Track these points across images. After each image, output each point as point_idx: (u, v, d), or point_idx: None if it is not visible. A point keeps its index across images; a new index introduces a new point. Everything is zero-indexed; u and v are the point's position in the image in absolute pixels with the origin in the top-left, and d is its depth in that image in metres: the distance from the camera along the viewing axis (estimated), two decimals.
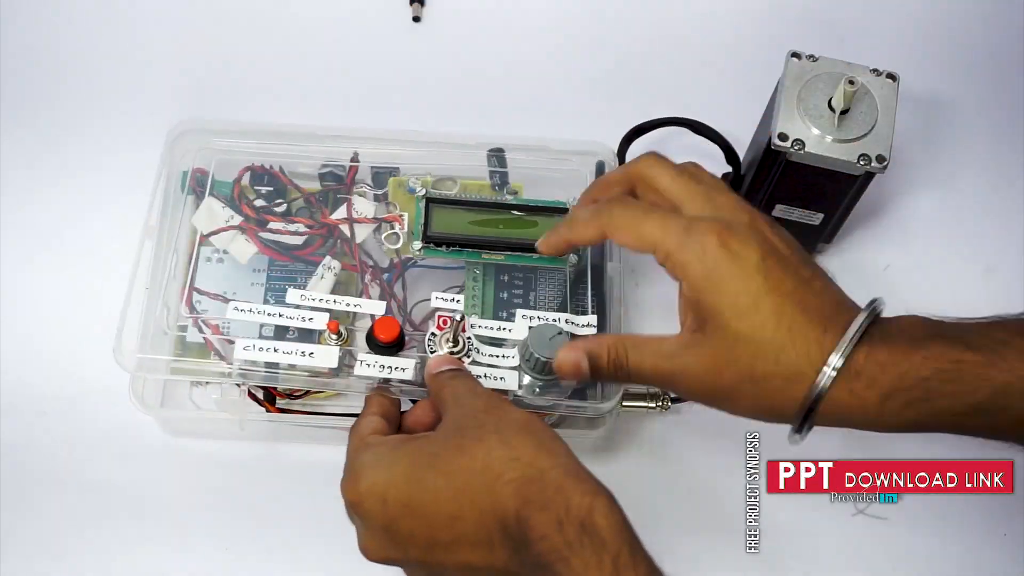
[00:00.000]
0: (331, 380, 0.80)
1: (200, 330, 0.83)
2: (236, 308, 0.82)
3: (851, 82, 0.83)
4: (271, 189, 0.89)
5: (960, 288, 0.97)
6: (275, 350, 0.79)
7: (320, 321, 0.81)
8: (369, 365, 0.79)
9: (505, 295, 0.87)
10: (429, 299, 0.86)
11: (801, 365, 0.66)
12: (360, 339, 0.81)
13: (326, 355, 0.79)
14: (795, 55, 0.87)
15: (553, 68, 1.07)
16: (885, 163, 0.83)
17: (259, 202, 0.88)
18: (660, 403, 0.86)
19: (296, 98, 1.04)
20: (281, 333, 0.83)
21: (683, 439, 0.91)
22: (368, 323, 0.82)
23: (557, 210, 0.87)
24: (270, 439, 0.88)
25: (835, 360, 0.65)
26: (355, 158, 0.90)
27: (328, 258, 0.86)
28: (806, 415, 0.66)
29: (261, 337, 0.82)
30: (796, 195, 0.90)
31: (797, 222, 0.92)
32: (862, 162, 0.83)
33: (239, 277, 0.86)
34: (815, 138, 0.84)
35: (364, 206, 0.88)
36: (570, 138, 0.93)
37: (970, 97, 1.06)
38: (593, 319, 0.84)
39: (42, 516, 0.86)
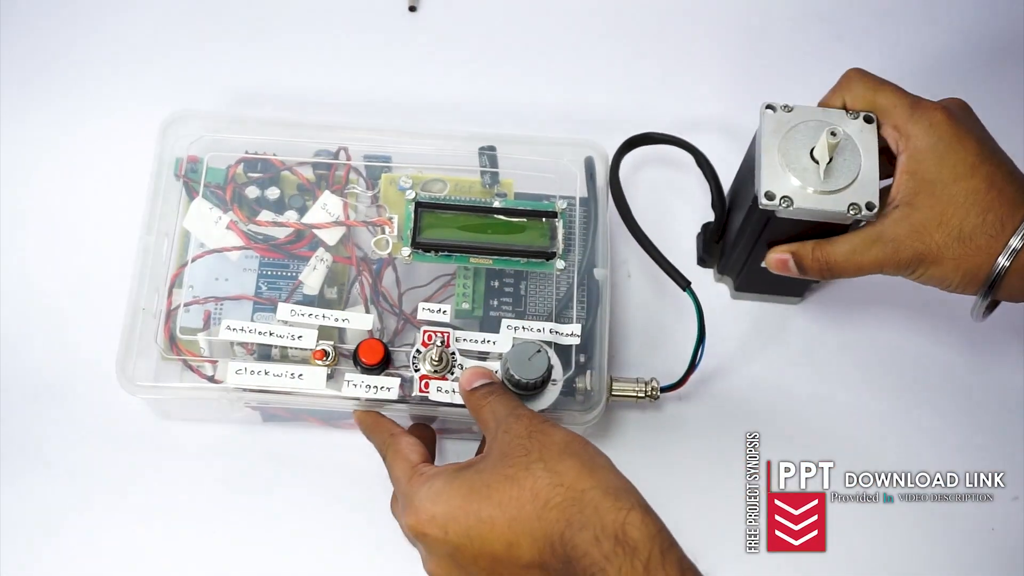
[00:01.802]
0: (322, 399, 0.83)
1: (188, 364, 0.85)
2: (229, 328, 0.83)
3: (833, 133, 0.80)
4: (264, 176, 0.89)
5: None
6: (266, 373, 0.82)
7: (309, 339, 0.82)
8: (356, 385, 0.81)
9: (495, 301, 0.88)
10: (422, 285, 0.89)
11: (1004, 220, 0.77)
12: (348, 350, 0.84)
13: (314, 376, 0.82)
14: (769, 107, 0.84)
15: (550, 60, 1.06)
16: (875, 209, 0.81)
17: (252, 189, 0.88)
18: (648, 393, 0.87)
19: (290, 86, 1.03)
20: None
21: (683, 439, 0.92)
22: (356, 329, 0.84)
23: (546, 213, 0.87)
24: (260, 422, 0.90)
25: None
26: (346, 155, 0.90)
27: (321, 250, 0.87)
28: (995, 279, 0.78)
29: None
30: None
31: None
32: (852, 211, 0.81)
33: (232, 265, 0.87)
34: (802, 192, 0.82)
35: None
36: (563, 132, 0.94)
37: (970, 95, 1.04)
38: (577, 328, 0.85)
39: (33, 500, 0.88)
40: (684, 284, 0.88)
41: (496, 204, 0.88)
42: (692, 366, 0.86)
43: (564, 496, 0.68)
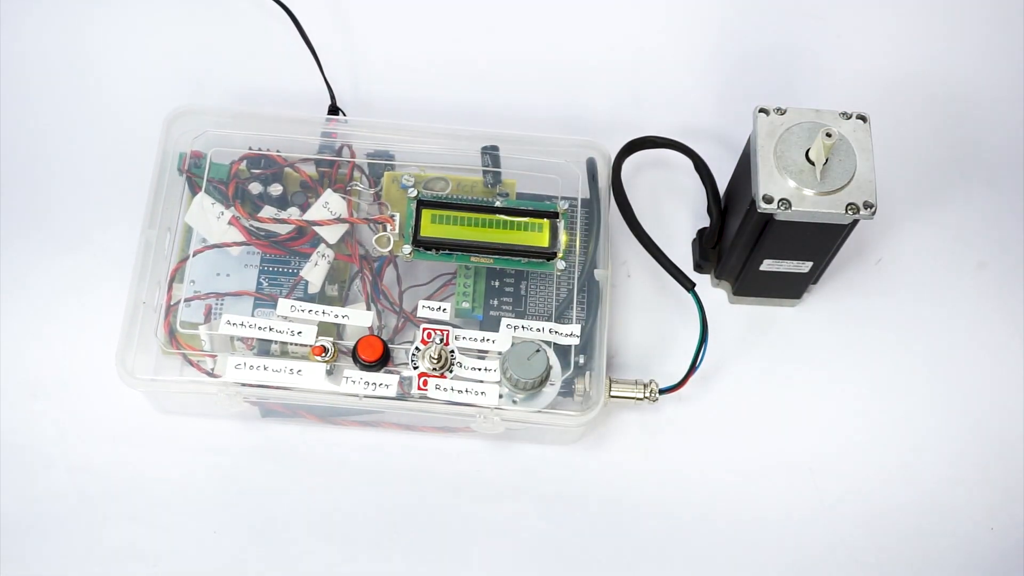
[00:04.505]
0: (320, 395, 0.83)
1: (187, 358, 0.85)
2: (228, 322, 0.83)
3: (828, 135, 0.80)
4: (267, 172, 0.89)
5: (952, 283, 0.98)
6: (265, 368, 0.82)
7: (309, 335, 0.83)
8: (354, 382, 0.82)
9: (495, 300, 0.88)
10: (422, 284, 0.89)
11: None
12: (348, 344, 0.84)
13: (313, 373, 0.82)
14: (763, 111, 0.85)
15: (554, 65, 1.06)
16: (873, 208, 0.81)
17: (255, 185, 0.89)
18: (647, 395, 0.87)
19: (294, 82, 1.02)
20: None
21: (682, 441, 0.92)
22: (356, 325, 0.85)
23: (547, 214, 0.88)
24: (259, 418, 0.90)
25: None
26: (349, 153, 0.90)
27: (322, 245, 0.87)
28: None
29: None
30: (784, 250, 0.88)
31: (785, 272, 0.90)
32: (850, 211, 0.81)
33: (233, 261, 0.87)
34: (800, 194, 0.82)
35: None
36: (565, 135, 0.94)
37: (968, 93, 1.05)
38: (576, 328, 0.85)
39: (33, 498, 0.88)
40: (690, 286, 0.87)
41: (498, 204, 0.88)
42: (693, 367, 0.86)
43: None
